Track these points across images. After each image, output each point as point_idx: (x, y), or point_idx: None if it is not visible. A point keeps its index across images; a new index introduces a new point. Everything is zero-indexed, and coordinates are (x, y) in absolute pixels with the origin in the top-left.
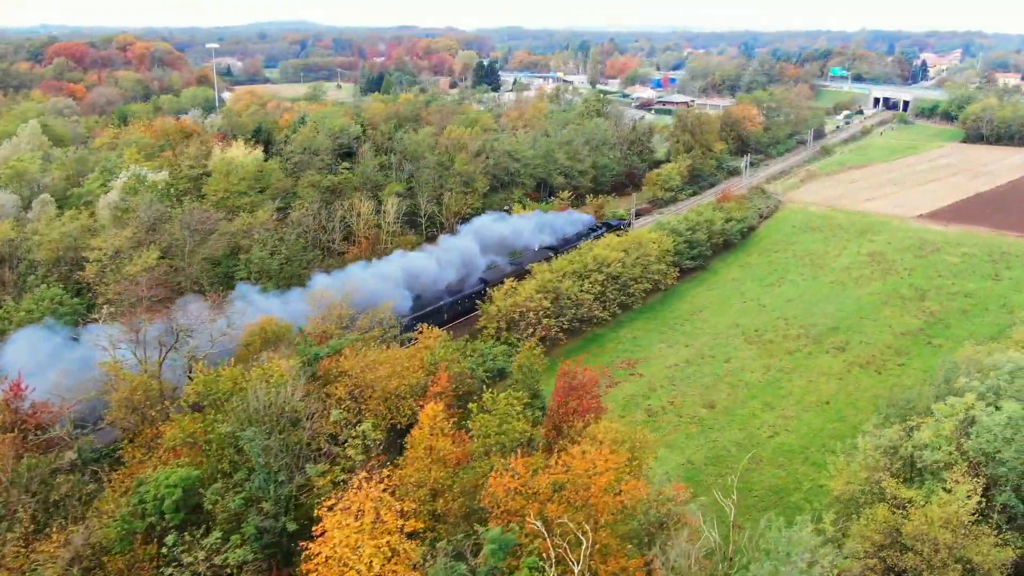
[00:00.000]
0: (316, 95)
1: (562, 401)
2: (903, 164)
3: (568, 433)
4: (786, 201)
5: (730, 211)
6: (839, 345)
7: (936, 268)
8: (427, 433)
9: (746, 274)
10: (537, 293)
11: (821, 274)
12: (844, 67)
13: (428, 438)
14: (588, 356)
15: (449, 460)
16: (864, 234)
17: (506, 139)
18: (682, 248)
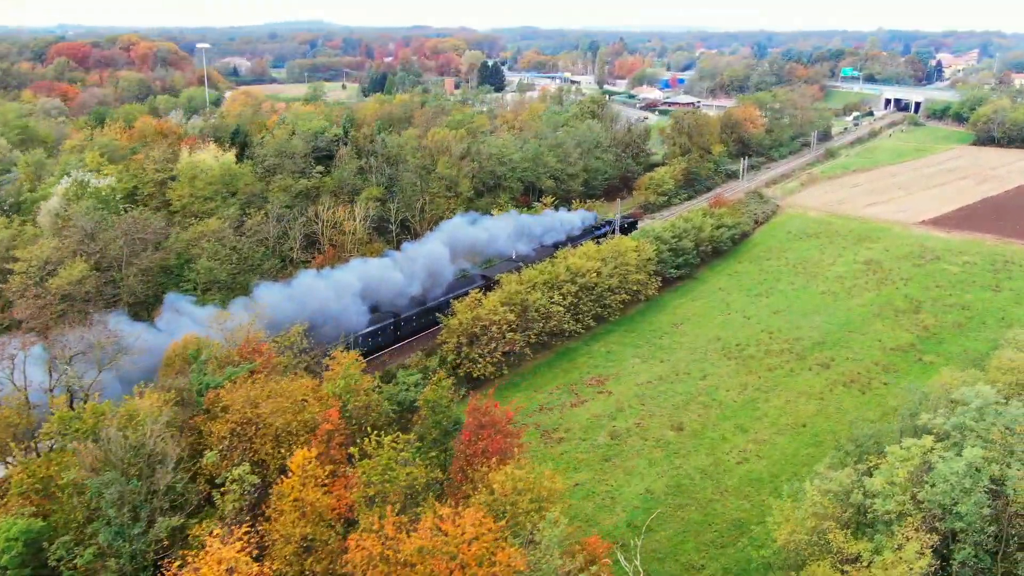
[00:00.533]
0: (316, 95)
1: (470, 440)
2: (910, 167)
3: (473, 478)
4: (784, 206)
5: (721, 217)
6: (823, 361)
7: (934, 278)
8: (297, 483)
9: (734, 283)
10: (502, 306)
11: (813, 283)
12: (856, 68)
13: (298, 488)
14: (557, 372)
15: (326, 513)
16: (862, 241)
17: (493, 142)
18: (666, 256)
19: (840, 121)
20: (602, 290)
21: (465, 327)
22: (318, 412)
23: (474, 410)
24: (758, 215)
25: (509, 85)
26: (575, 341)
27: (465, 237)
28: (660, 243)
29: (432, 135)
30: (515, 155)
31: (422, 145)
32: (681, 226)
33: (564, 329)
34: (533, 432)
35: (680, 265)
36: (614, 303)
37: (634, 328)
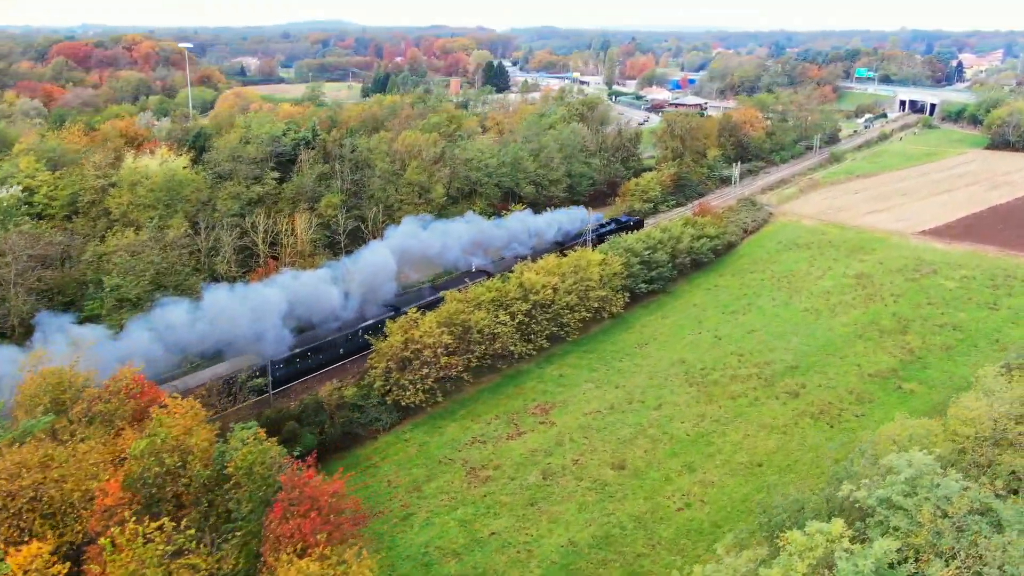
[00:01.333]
0: (315, 96)
1: (279, 517)
2: (917, 172)
3: (275, 569)
4: (778, 214)
5: (703, 227)
6: (793, 389)
7: (927, 294)
8: None
9: (711, 299)
10: (439, 327)
11: (796, 299)
12: (871, 68)
13: None
14: (501, 398)
15: None
16: (855, 252)
17: (468, 146)
18: (636, 270)
19: (851, 123)
20: (559, 308)
21: (395, 350)
22: (103, 482)
23: (287, 482)
24: (748, 224)
25: (516, 86)
26: (526, 363)
27: (417, 245)
28: (631, 255)
29: (403, 139)
30: (491, 160)
31: (392, 149)
32: (657, 236)
33: (513, 351)
34: (458, 470)
35: (652, 279)
36: (572, 322)
37: (594, 349)
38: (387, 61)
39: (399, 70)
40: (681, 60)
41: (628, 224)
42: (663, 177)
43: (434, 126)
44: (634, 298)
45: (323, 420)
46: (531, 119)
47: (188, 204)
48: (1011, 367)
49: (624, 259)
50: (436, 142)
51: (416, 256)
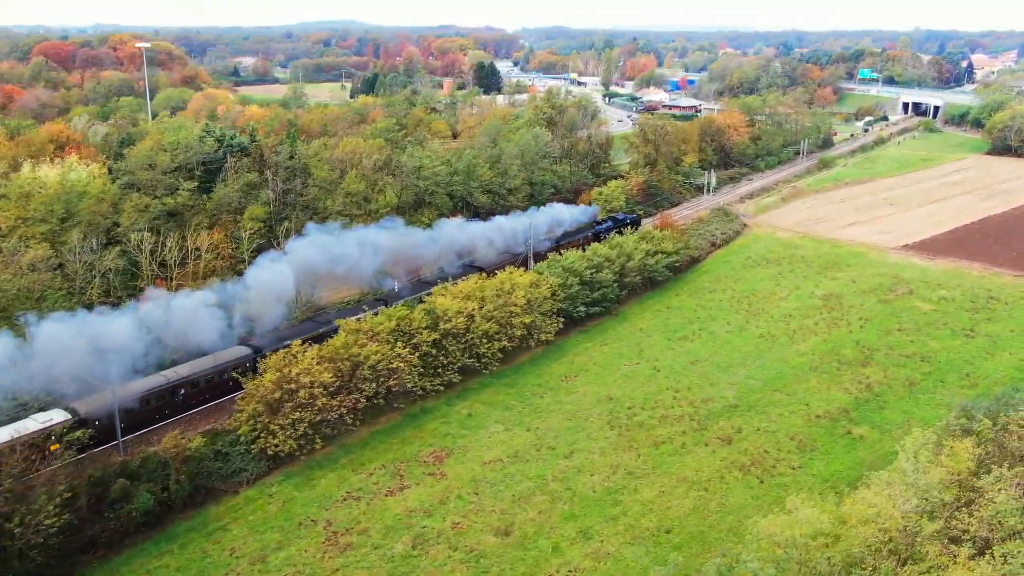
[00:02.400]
0: (297, 97)
1: None
2: (911, 179)
3: None
4: (753, 225)
5: (660, 241)
6: (727, 434)
7: (899, 318)
8: None
9: (659, 323)
10: (318, 364)
11: (753, 324)
12: (875, 69)
13: None
14: (393, 443)
15: None
16: (828, 269)
17: (418, 153)
18: (576, 292)
19: (849, 126)
20: (475, 337)
21: (265, 391)
22: None
23: None
24: (716, 237)
25: (507, 86)
26: (434, 400)
27: (322, 259)
28: (570, 275)
29: (344, 145)
30: (439, 168)
31: (332, 157)
32: (604, 253)
33: (414, 388)
34: (318, 534)
35: (595, 302)
36: (491, 352)
37: (515, 382)
38: (384, 61)
39: (394, 71)
40: (685, 60)
41: (625, 222)
42: (629, 186)
43: (381, 132)
44: (573, 322)
45: (168, 475)
46: (490, 124)
47: (94, 217)
48: (950, 428)
49: (562, 280)
50: (380, 149)
51: (323, 272)
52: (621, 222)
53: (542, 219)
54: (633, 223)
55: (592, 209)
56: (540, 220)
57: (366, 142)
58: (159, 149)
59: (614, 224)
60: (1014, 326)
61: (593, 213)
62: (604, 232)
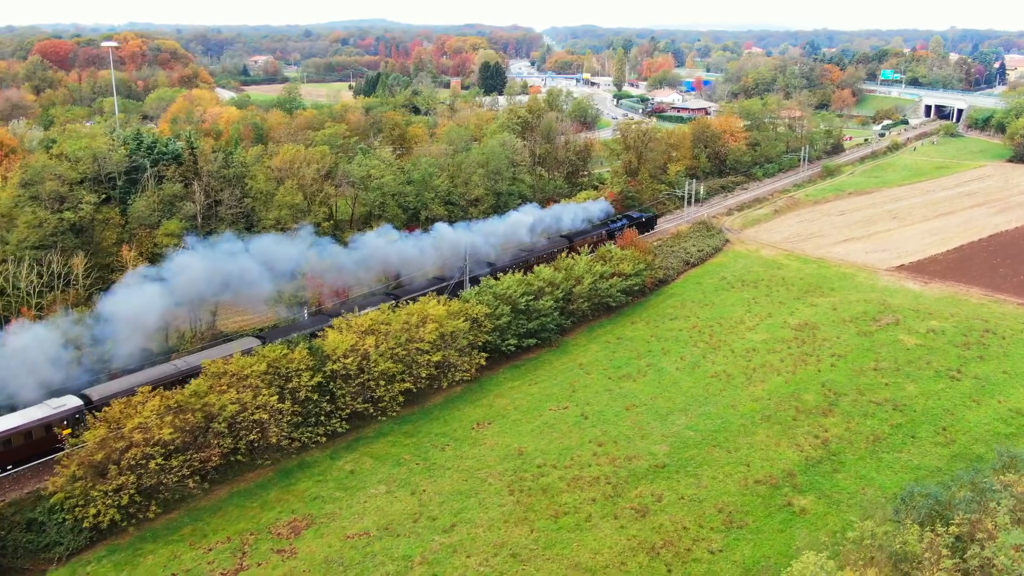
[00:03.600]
0: (292, 98)
1: None
2: (920, 190)
3: None
4: (737, 240)
5: (619, 262)
6: (644, 503)
7: (877, 354)
8: None
9: (605, 357)
10: (160, 417)
11: (710, 359)
12: (899, 70)
13: None
14: (253, 506)
15: None
16: (809, 294)
17: (364, 161)
18: (506, 322)
19: (864, 131)
20: (370, 378)
21: (86, 452)
22: None
23: None
24: (692, 255)
25: (513, 86)
26: (317, 452)
27: (202, 280)
28: (501, 303)
29: (283, 153)
30: (386, 178)
31: (271, 165)
32: (547, 277)
33: (281, 443)
34: None
35: (532, 332)
36: (388, 396)
37: (419, 430)
38: (396, 60)
39: (404, 70)
40: (707, 60)
41: (640, 220)
42: (602, 196)
43: (328, 138)
44: (505, 357)
45: None
46: (451, 130)
47: None
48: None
49: (490, 308)
50: (323, 157)
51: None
52: (636, 220)
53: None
54: (648, 221)
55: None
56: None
57: (307, 150)
58: (60, 159)
59: (629, 222)
60: (1008, 366)
61: (605, 210)
62: (618, 230)
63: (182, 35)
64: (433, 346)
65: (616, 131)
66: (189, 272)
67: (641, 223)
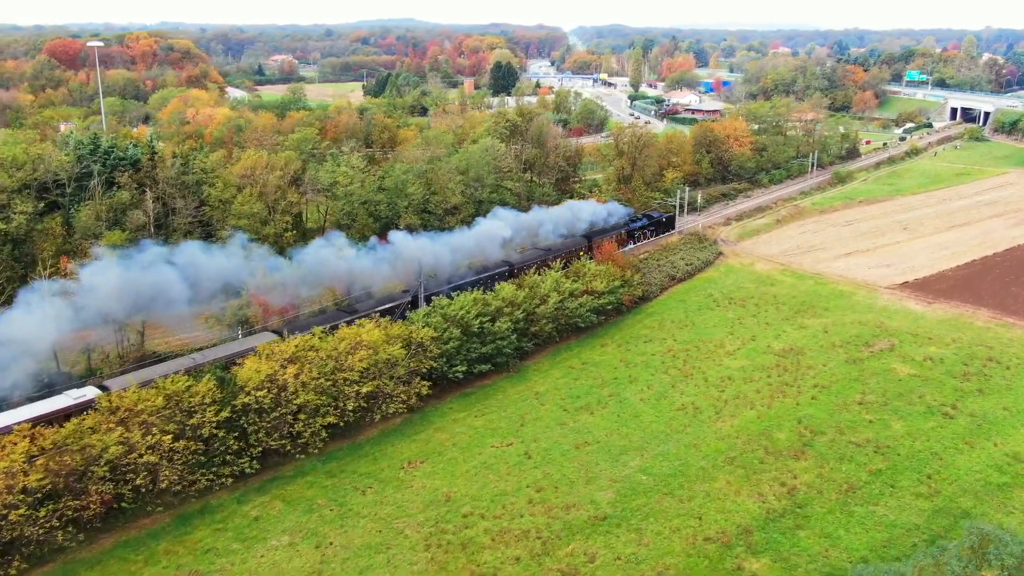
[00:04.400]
0: (297, 98)
1: None
2: (936, 198)
3: None
4: (731, 253)
5: (592, 279)
6: (573, 565)
7: (866, 385)
8: None
9: (564, 385)
10: (29, 462)
11: (680, 388)
12: (925, 70)
13: None
14: (137, 560)
15: None
16: (801, 314)
17: (332, 168)
18: (454, 347)
19: (884, 134)
20: (288, 412)
21: None
22: None
23: None
24: (679, 269)
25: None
26: (225, 494)
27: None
28: (451, 326)
29: (244, 159)
30: (353, 186)
31: (232, 171)
32: (507, 295)
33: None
34: None
35: (485, 357)
36: (310, 432)
37: (342, 468)
38: (412, 60)
39: (419, 70)
40: (731, 60)
41: (661, 220)
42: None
43: (298, 142)
44: (455, 384)
45: None
46: (429, 136)
47: None
48: None
49: (437, 332)
50: (287, 163)
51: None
52: (656, 220)
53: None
54: (668, 221)
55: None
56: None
57: (270, 155)
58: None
59: (649, 221)
60: (1010, 401)
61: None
62: (638, 229)
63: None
64: (364, 375)
65: (608, 135)
66: (101, 287)
67: (661, 223)
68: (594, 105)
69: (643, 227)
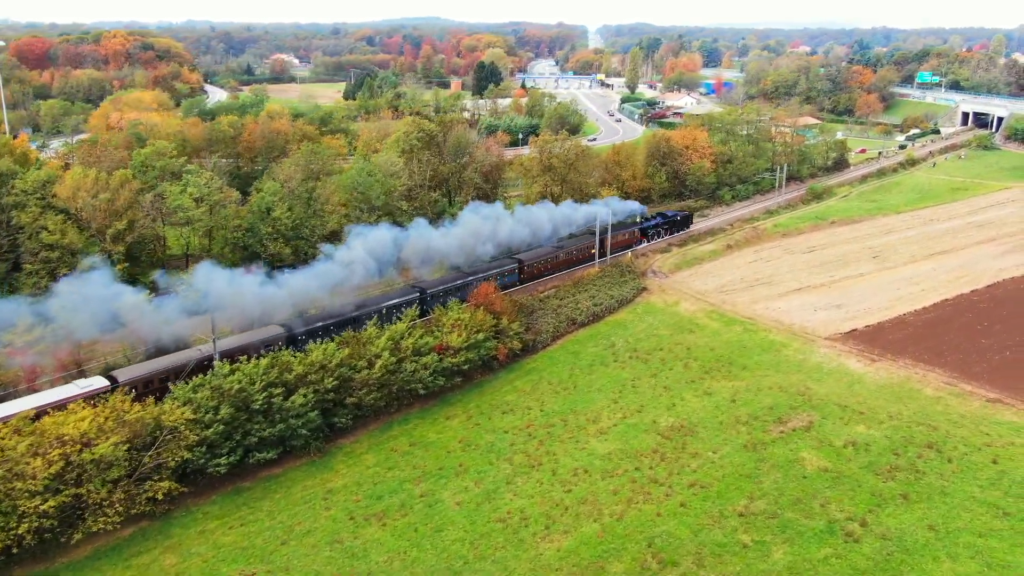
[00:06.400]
0: (260, 99)
1: None
2: (920, 219)
3: None
4: (657, 289)
5: (448, 332)
6: None
7: (758, 484)
8: None
9: (371, 477)
10: None
11: (516, 485)
12: (939, 72)
13: None
14: None
15: None
16: (713, 372)
17: (173, 191)
18: (219, 432)
19: (886, 141)
20: None
21: None
22: None
23: None
24: (583, 311)
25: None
26: None
27: None
28: (222, 404)
29: (71, 179)
30: (197, 211)
31: (55, 193)
32: (316, 359)
33: None
34: None
35: (271, 441)
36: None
37: None
38: (407, 59)
39: (412, 69)
40: (744, 60)
41: (675, 219)
42: None
43: (145, 161)
44: (216, 482)
45: None
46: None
47: None
48: None
49: (198, 414)
50: (123, 183)
51: None
52: (671, 219)
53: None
54: (684, 220)
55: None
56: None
57: (100, 175)
58: None
59: (664, 220)
60: (940, 516)
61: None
62: (652, 228)
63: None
64: (58, 481)
65: (533, 147)
66: None
67: (676, 222)
68: (564, 109)
69: (657, 226)
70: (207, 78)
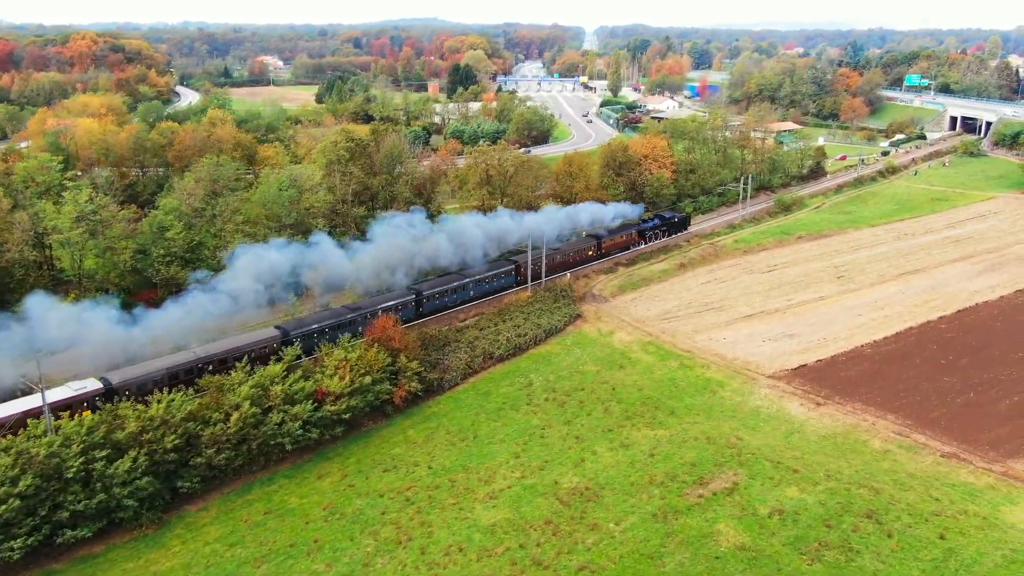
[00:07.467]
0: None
1: None
2: (894, 232)
3: None
4: (593, 316)
5: (330, 376)
6: None
7: (660, 568)
8: None
9: (204, 558)
10: None
11: (373, 568)
12: (928, 75)
13: None
14: None
15: None
16: (635, 419)
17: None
18: (21, 507)
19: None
20: None
21: None
22: None
23: None
24: (502, 344)
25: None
26: None
27: None
28: (28, 473)
29: None
30: (73, 233)
31: None
32: (155, 413)
33: None
34: None
35: (87, 515)
36: None
37: None
38: (388, 61)
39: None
40: (734, 62)
41: (672, 220)
42: None
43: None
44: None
45: None
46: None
47: None
48: None
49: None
50: None
51: None
52: (669, 220)
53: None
54: (682, 221)
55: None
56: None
57: None
58: None
59: (662, 222)
60: None
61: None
62: (650, 230)
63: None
64: None
65: (468, 157)
66: None
67: (674, 223)
68: (531, 114)
69: (655, 227)
70: (183, 80)
